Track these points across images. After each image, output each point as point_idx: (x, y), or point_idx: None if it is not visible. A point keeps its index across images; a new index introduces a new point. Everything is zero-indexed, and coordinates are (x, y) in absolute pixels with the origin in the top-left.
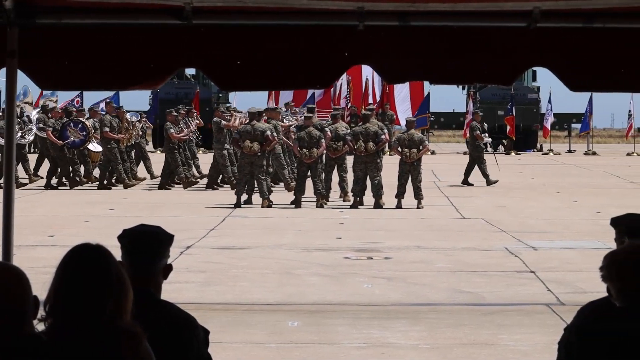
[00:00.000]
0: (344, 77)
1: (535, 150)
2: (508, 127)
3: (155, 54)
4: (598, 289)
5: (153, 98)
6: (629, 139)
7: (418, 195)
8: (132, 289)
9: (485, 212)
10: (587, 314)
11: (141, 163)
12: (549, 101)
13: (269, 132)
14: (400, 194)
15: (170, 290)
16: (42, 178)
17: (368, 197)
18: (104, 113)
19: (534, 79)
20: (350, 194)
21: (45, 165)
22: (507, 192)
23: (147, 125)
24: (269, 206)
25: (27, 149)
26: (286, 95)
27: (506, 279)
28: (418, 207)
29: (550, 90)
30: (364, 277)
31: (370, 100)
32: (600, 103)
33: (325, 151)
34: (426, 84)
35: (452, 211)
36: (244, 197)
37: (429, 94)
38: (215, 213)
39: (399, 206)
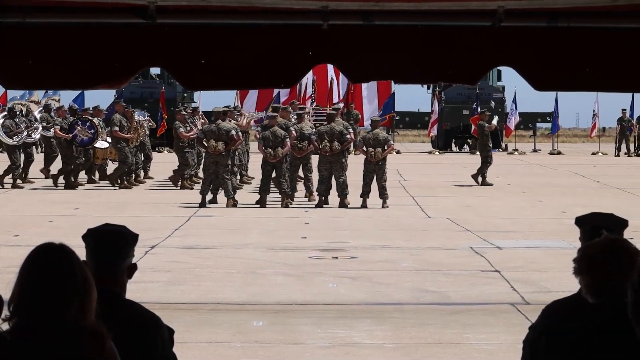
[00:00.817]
0: (309, 77)
1: (500, 149)
2: (473, 127)
3: (120, 53)
4: (563, 288)
5: (118, 97)
6: (594, 139)
7: (383, 194)
8: (97, 289)
9: (451, 212)
10: (553, 313)
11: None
12: (514, 101)
13: (233, 132)
14: (365, 194)
15: (135, 290)
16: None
17: (333, 197)
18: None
19: (499, 79)
20: (315, 193)
21: (56, 164)
22: (472, 191)
23: (151, 124)
24: (234, 206)
25: (36, 149)
26: (251, 95)
27: (471, 279)
28: (383, 207)
29: (515, 89)
30: (329, 277)
31: (335, 100)
32: (565, 103)
33: (290, 151)
34: (392, 83)
35: (417, 211)
36: (209, 196)
37: (393, 93)
38: (180, 213)
39: (364, 206)
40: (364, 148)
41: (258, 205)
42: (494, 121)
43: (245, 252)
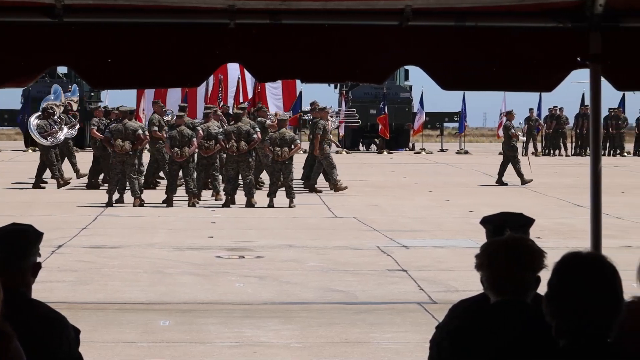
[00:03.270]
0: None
1: (407, 149)
2: (380, 126)
3: (26, 51)
4: (470, 287)
5: (25, 96)
6: (501, 138)
7: (290, 194)
8: (2, 288)
9: (358, 211)
10: (460, 314)
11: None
12: (421, 100)
13: (140, 131)
14: (271, 193)
15: (42, 290)
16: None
17: (240, 196)
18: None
19: (406, 78)
20: (222, 192)
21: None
22: (379, 191)
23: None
24: (141, 205)
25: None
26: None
27: (378, 278)
28: (290, 206)
29: (422, 89)
30: (236, 276)
31: (242, 99)
32: (472, 102)
33: (197, 150)
34: (298, 83)
35: (324, 210)
36: (116, 195)
37: (301, 92)
38: (87, 212)
39: (270, 205)
40: (271, 147)
41: (165, 205)
42: (520, 135)
43: (152, 251)
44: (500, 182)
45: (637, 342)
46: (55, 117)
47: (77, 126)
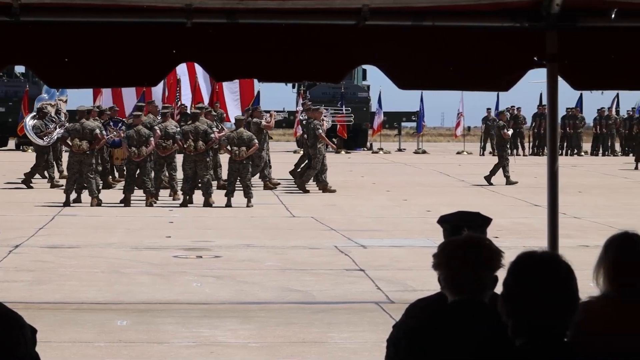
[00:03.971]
0: (178, 75)
1: (365, 148)
2: (338, 126)
3: None
4: (427, 287)
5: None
6: (459, 138)
7: (248, 193)
8: None
9: (315, 211)
10: (417, 313)
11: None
12: (379, 100)
13: (97, 131)
14: (229, 193)
15: None
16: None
17: (198, 196)
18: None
19: (364, 78)
20: (179, 192)
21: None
22: (337, 190)
23: None
24: (98, 205)
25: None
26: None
27: (336, 278)
28: (248, 206)
29: (380, 88)
30: (194, 276)
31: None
32: (430, 102)
33: (154, 149)
34: (256, 82)
35: (282, 210)
36: (73, 195)
37: (259, 92)
38: (44, 212)
39: (228, 205)
40: (229, 147)
41: (122, 205)
42: (510, 131)
43: (110, 251)
44: (493, 181)
45: (594, 341)
46: (51, 116)
47: (67, 125)
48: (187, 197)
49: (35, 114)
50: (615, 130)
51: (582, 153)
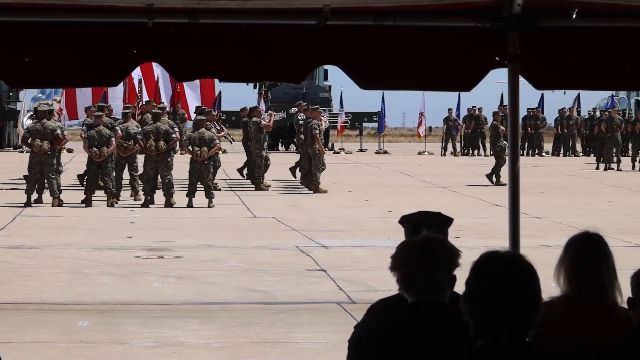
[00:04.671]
0: (135, 75)
1: (326, 149)
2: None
3: None
4: (389, 287)
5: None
6: (421, 138)
7: (209, 194)
8: None
9: (277, 211)
10: (379, 313)
11: None
12: (341, 100)
13: (59, 131)
14: (191, 193)
15: None
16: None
17: (159, 196)
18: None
19: (326, 78)
20: (141, 192)
21: None
22: (298, 191)
23: None
24: (60, 205)
25: None
26: (84, 94)
27: (297, 278)
28: (209, 206)
29: (342, 89)
30: (155, 276)
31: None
32: (391, 102)
33: (115, 150)
34: (217, 82)
35: (243, 210)
36: (34, 196)
37: (220, 92)
38: (5, 212)
39: (190, 205)
40: (190, 147)
41: (84, 205)
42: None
43: (71, 251)
44: (498, 183)
45: (555, 341)
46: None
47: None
48: (149, 197)
49: (32, 113)
50: (576, 131)
51: (543, 153)
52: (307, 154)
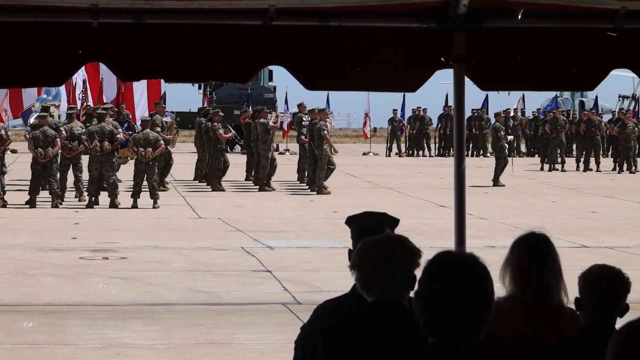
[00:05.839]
0: (79, 75)
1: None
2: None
3: None
4: (334, 288)
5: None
6: (367, 139)
7: (154, 194)
8: None
9: (222, 212)
10: (326, 315)
11: None
12: (286, 101)
13: (2, 132)
14: (135, 194)
15: None
16: None
17: (104, 197)
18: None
19: (270, 79)
20: (85, 193)
21: None
22: (243, 191)
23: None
24: (4, 206)
25: None
26: (29, 93)
27: (243, 279)
28: (154, 207)
29: (287, 89)
30: (100, 277)
31: (106, 99)
32: (337, 102)
33: (60, 150)
34: (163, 82)
35: (188, 211)
36: None
37: (165, 92)
38: None
39: (134, 206)
40: (134, 148)
41: (28, 206)
42: (507, 136)
43: (15, 252)
44: (496, 182)
45: (502, 341)
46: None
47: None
48: (93, 198)
49: (38, 114)
50: (520, 131)
51: (488, 154)
52: (311, 154)
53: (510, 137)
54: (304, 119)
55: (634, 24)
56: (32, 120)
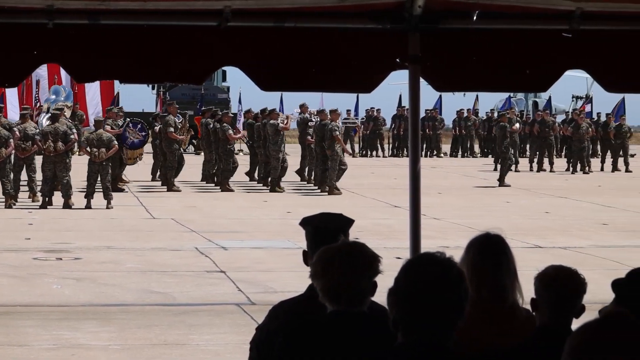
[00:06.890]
0: (35, 76)
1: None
2: (198, 127)
3: None
4: (288, 289)
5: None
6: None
7: (107, 195)
8: None
9: (176, 212)
10: (281, 315)
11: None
12: (240, 101)
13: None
14: (89, 194)
15: None
16: None
17: (57, 197)
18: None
19: (224, 79)
20: (39, 194)
21: None
22: (197, 191)
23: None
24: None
25: None
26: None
27: (197, 279)
28: (108, 207)
29: (240, 90)
30: (54, 278)
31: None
32: (291, 102)
33: (13, 151)
34: (116, 83)
35: (142, 211)
36: None
37: (118, 93)
38: None
39: (88, 206)
40: (88, 148)
41: None
42: (517, 125)
43: None
44: (502, 183)
45: (470, 344)
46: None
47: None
48: (47, 198)
49: (50, 114)
50: (474, 132)
51: (442, 154)
52: (319, 155)
53: (517, 125)
54: (312, 119)
55: (589, 25)
56: (43, 121)
